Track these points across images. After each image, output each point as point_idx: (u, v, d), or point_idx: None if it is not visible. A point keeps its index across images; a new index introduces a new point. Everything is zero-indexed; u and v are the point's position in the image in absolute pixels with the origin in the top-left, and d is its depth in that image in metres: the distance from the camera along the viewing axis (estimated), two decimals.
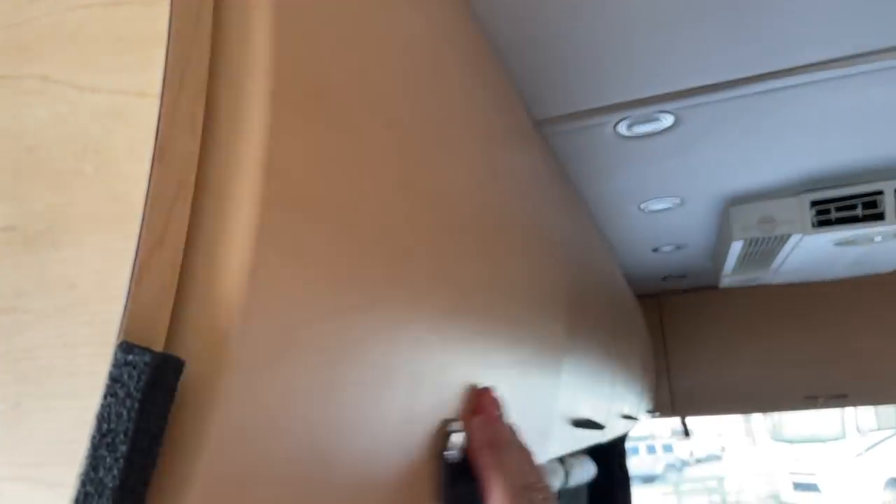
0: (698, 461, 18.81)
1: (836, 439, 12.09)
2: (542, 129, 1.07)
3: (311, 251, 0.28)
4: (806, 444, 12.91)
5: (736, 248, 1.68)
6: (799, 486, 12.45)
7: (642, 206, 1.55)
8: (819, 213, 1.53)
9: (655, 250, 2.00)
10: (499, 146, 0.69)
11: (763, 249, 1.71)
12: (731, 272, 1.98)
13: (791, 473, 12.75)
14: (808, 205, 1.53)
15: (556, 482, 2.41)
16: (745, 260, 1.83)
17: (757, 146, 1.25)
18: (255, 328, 0.24)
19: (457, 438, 0.47)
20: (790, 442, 13.31)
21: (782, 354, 2.49)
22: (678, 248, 1.98)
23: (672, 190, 1.47)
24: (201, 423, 0.22)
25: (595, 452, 2.98)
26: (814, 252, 1.77)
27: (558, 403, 0.86)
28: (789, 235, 1.58)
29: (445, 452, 0.46)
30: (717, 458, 19.05)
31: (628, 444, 3.01)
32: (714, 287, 2.60)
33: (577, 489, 3.00)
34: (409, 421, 0.40)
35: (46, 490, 0.20)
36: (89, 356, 0.21)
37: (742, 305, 2.57)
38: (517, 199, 0.73)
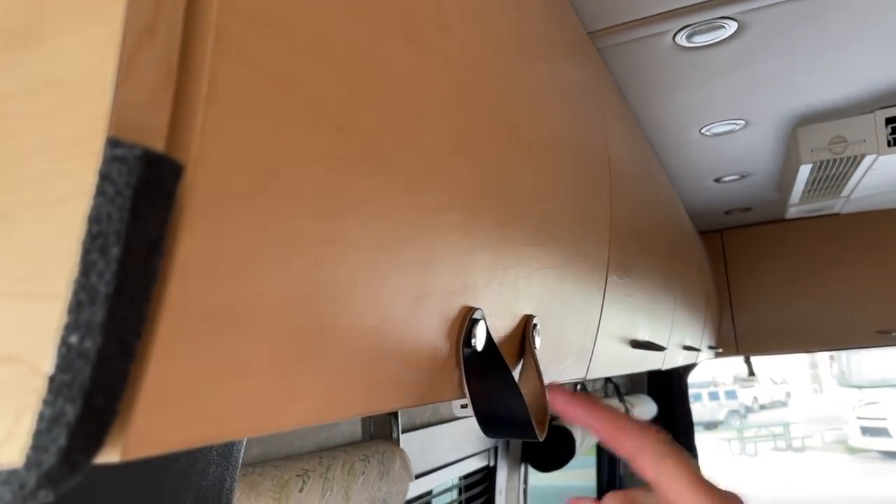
0: (762, 407, 18.61)
1: None
2: (595, 41, 1.02)
3: (312, 88, 0.26)
4: (875, 388, 12.60)
5: (804, 172, 1.59)
6: (867, 431, 12.20)
7: (704, 129, 1.48)
8: (894, 130, 1.44)
9: (717, 180, 1.92)
10: (549, 57, 0.65)
11: (833, 174, 1.63)
12: (798, 201, 1.90)
13: (859, 418, 12.50)
14: (882, 122, 1.45)
15: None
16: (813, 186, 1.74)
17: (827, 57, 1.17)
18: (253, 148, 0.22)
19: (480, 329, 0.44)
20: (858, 387, 13.02)
21: (853, 288, 2.39)
22: (742, 177, 1.90)
23: (735, 110, 1.39)
24: (200, 242, 0.20)
25: (656, 393, 2.96)
26: (888, 175, 1.68)
27: (604, 322, 0.83)
28: (862, 156, 1.49)
29: (468, 343, 0.44)
30: (783, 404, 18.80)
31: (690, 391, 2.97)
32: (779, 220, 2.50)
33: None
34: (423, 300, 0.38)
35: (37, 303, 0.19)
36: (79, 157, 0.19)
37: (809, 237, 2.47)
38: (567, 113, 0.70)
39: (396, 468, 0.98)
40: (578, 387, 2.31)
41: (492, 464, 1.78)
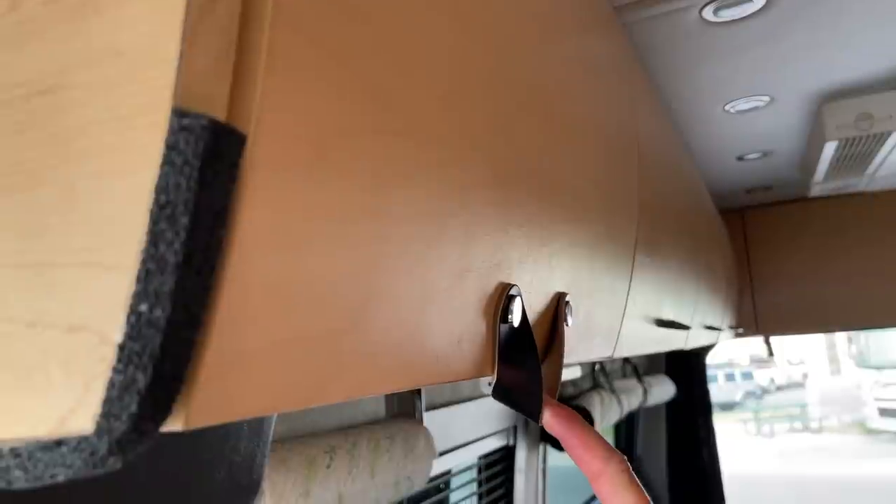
0: (779, 389, 18.56)
1: None
2: (621, 15, 1.01)
3: (362, 60, 0.26)
4: (893, 369, 12.52)
5: (829, 150, 1.57)
6: (885, 413, 12.14)
7: (728, 106, 1.46)
8: None
9: (740, 158, 1.90)
10: (578, 32, 0.65)
11: (859, 151, 1.60)
12: (822, 179, 1.88)
13: (876, 400, 12.45)
14: None
15: (634, 400, 2.40)
16: (838, 164, 1.72)
17: (854, 32, 1.15)
18: (308, 120, 0.22)
19: (516, 305, 0.44)
20: (877, 368, 12.93)
21: (875, 267, 2.36)
22: (765, 154, 1.88)
23: (761, 86, 1.37)
24: (260, 213, 0.20)
25: (674, 374, 2.95)
26: None
27: (631, 301, 0.83)
28: (889, 133, 1.47)
29: (504, 319, 0.44)
30: (800, 385, 18.74)
31: (706, 372, 2.96)
32: (801, 199, 2.47)
33: (656, 409, 2.99)
34: (463, 275, 0.38)
35: (105, 273, 0.19)
36: (144, 128, 0.19)
37: (832, 216, 2.44)
38: (597, 89, 0.69)
39: (421, 446, 0.98)
40: (597, 366, 2.31)
41: (511, 443, 1.79)
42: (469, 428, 1.50)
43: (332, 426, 0.96)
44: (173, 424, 0.21)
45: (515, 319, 0.44)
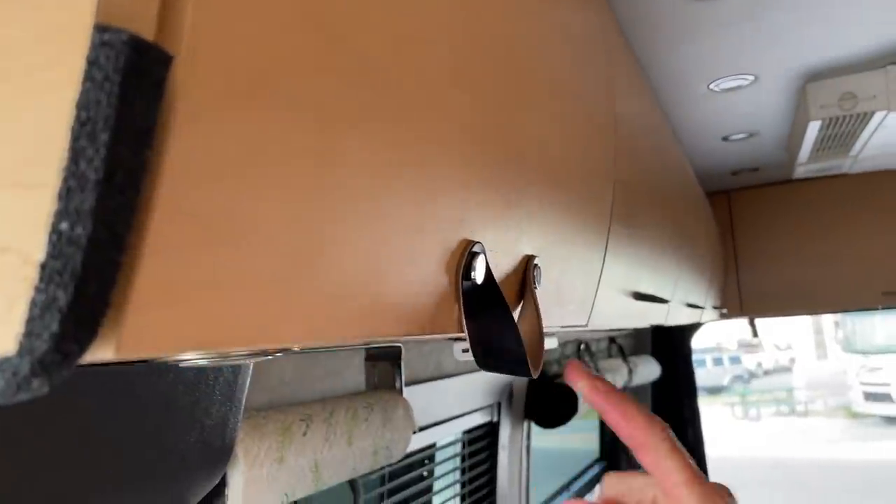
0: (766, 373, 18.70)
1: None
2: None
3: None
4: (879, 354, 12.64)
5: (813, 129, 1.58)
6: (870, 397, 12.27)
7: (712, 84, 1.46)
8: None
9: (725, 139, 1.91)
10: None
11: (842, 131, 1.61)
12: (806, 160, 1.88)
13: (862, 384, 12.57)
14: (894, 77, 1.43)
15: (619, 380, 2.42)
16: (822, 145, 1.72)
17: (837, 10, 1.15)
18: (244, 49, 0.22)
19: (479, 262, 0.44)
20: (863, 353, 13.05)
21: (860, 249, 2.37)
22: (750, 135, 1.88)
23: (745, 64, 1.37)
24: (191, 141, 0.20)
25: (660, 355, 2.97)
26: None
27: (606, 271, 0.83)
28: (872, 113, 1.48)
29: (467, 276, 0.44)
30: (787, 370, 18.89)
31: (694, 357, 2.98)
32: (786, 181, 2.48)
33: (641, 389, 3.01)
34: (422, 229, 0.38)
35: (27, 193, 0.19)
36: (65, 44, 0.19)
37: (816, 198, 2.45)
38: (572, 57, 0.69)
39: (399, 416, 0.99)
40: (582, 345, 2.32)
41: (495, 419, 1.80)
42: (452, 403, 1.51)
43: (311, 399, 0.97)
44: (103, 351, 0.21)
45: (478, 276, 0.44)
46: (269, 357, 0.46)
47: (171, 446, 0.60)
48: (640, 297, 1.04)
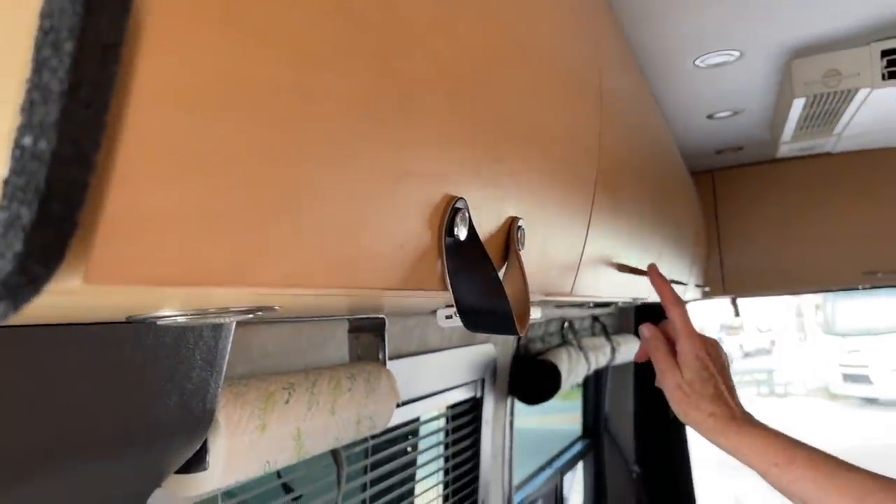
0: (747, 355, 18.88)
1: (891, 332, 11.95)
2: None
3: None
4: (859, 336, 12.79)
5: (797, 107, 1.58)
6: (849, 378, 12.44)
7: (698, 60, 1.46)
8: (890, 63, 1.42)
9: (710, 117, 1.91)
10: None
11: (827, 109, 1.61)
12: (790, 138, 1.89)
13: (841, 366, 12.73)
14: (878, 55, 1.43)
15: (602, 358, 2.43)
16: (806, 122, 1.73)
17: None
18: None
19: (463, 218, 0.44)
20: (842, 335, 13.20)
21: (841, 229, 2.39)
22: (735, 113, 1.89)
23: (731, 40, 1.37)
24: (161, 65, 0.19)
25: None
26: (882, 110, 1.67)
27: (591, 239, 0.83)
28: (856, 90, 1.48)
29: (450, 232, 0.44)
30: (767, 352, 19.08)
31: None
32: (770, 161, 2.49)
33: (624, 367, 3.02)
34: (402, 178, 0.37)
35: None
36: None
37: (799, 178, 2.46)
38: (558, 24, 0.68)
39: (383, 386, 0.99)
40: (566, 324, 2.33)
41: (479, 395, 1.80)
42: (437, 378, 1.51)
43: (294, 370, 0.96)
44: (70, 277, 0.20)
45: (461, 233, 0.44)
46: (251, 316, 0.45)
47: (149, 410, 0.59)
48: (623, 268, 1.04)
